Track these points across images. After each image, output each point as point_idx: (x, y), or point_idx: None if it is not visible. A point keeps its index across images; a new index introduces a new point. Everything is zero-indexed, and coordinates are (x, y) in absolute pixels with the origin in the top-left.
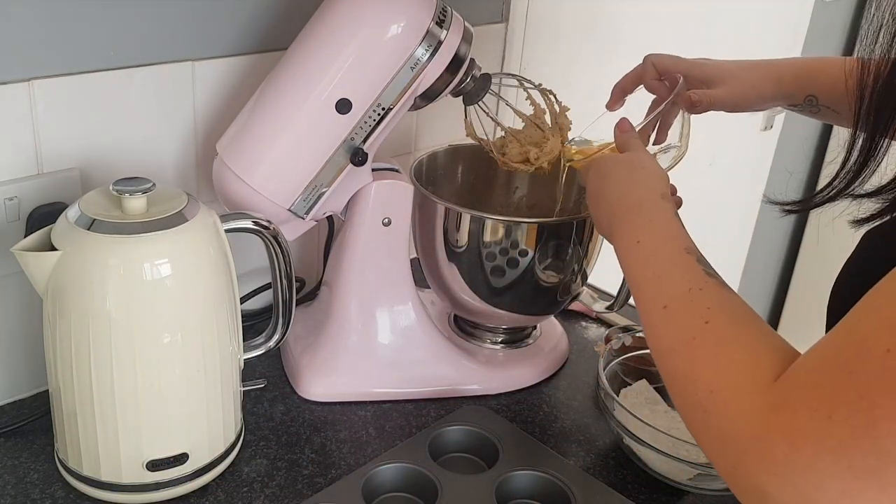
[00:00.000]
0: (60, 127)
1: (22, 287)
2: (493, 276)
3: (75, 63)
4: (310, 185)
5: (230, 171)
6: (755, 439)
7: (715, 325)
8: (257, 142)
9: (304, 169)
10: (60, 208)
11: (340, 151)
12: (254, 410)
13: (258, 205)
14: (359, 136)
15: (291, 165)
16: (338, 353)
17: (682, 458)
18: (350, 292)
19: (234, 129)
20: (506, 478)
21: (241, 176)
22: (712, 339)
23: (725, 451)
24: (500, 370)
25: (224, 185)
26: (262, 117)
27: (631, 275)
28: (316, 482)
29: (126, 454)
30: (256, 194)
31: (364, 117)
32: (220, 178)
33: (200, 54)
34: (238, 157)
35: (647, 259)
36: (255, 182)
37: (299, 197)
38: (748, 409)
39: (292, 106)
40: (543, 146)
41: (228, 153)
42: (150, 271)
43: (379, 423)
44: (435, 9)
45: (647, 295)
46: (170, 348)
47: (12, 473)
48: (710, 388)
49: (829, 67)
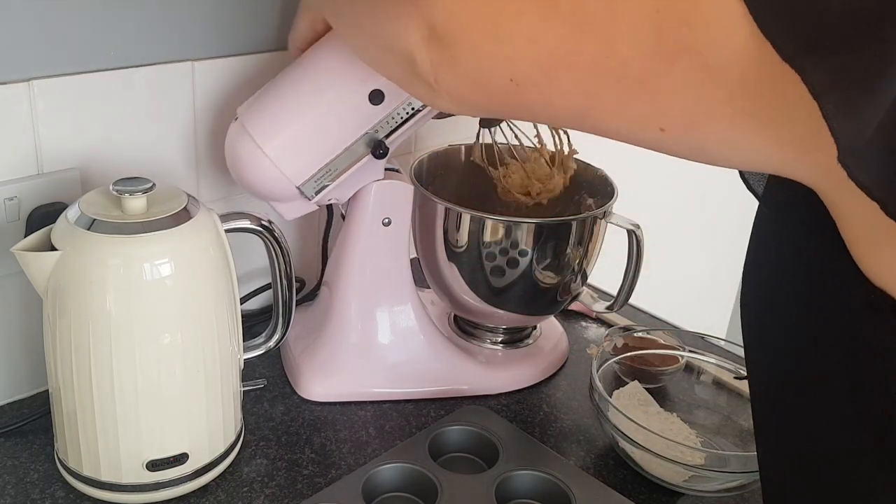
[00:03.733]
0: (60, 127)
1: (22, 287)
2: (492, 276)
3: (75, 63)
4: (324, 168)
5: (248, 136)
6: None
7: None
8: (282, 112)
9: (323, 150)
10: (60, 208)
11: (361, 141)
12: (254, 410)
13: (268, 177)
14: (383, 130)
15: (311, 143)
16: (338, 353)
17: (676, 460)
18: (350, 292)
19: (259, 96)
20: (506, 478)
21: (259, 142)
22: None
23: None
24: (500, 370)
25: (237, 151)
26: (293, 89)
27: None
28: (316, 482)
29: (126, 454)
30: (270, 165)
31: (393, 112)
32: (235, 144)
33: (200, 54)
34: (259, 123)
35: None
36: (271, 151)
37: (312, 177)
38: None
39: (326, 85)
40: (547, 183)
41: (249, 117)
42: (150, 271)
43: (379, 423)
44: None
45: None
46: (170, 348)
47: (12, 473)
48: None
49: None
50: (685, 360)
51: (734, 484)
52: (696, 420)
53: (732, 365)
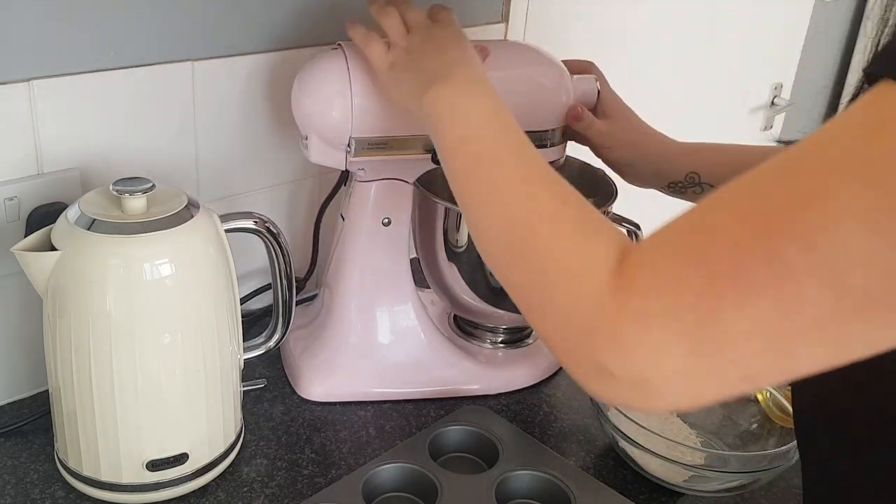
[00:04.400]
0: (60, 127)
1: (22, 287)
2: (493, 276)
3: (75, 63)
4: (384, 139)
5: (344, 66)
6: (606, 319)
7: (572, 206)
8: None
9: (396, 122)
10: (60, 208)
11: (425, 139)
12: (254, 410)
13: (335, 113)
14: None
15: (390, 110)
16: (338, 353)
17: (676, 460)
18: (350, 292)
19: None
20: (506, 478)
21: (352, 77)
22: (571, 217)
23: (568, 328)
24: (500, 370)
25: (322, 76)
26: None
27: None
28: (316, 482)
29: (126, 454)
30: (346, 101)
31: None
32: (323, 69)
33: (200, 54)
34: (361, 64)
35: (506, 131)
36: (357, 91)
37: (368, 139)
38: (599, 288)
39: None
40: None
41: (354, 53)
42: (150, 271)
43: (379, 423)
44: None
45: (502, 164)
46: (170, 348)
47: (12, 473)
48: (562, 264)
49: (718, 150)
50: None
51: (734, 484)
52: (696, 420)
53: None
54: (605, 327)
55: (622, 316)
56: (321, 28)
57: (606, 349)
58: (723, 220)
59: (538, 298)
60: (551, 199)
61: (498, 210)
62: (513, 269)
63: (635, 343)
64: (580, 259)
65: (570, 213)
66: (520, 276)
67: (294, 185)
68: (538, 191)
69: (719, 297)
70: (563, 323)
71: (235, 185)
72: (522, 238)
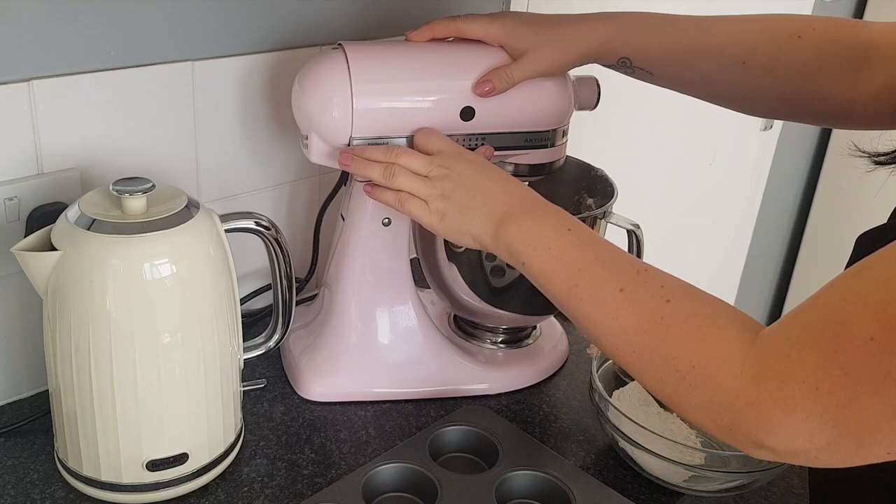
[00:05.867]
0: (60, 127)
1: (22, 287)
2: (493, 276)
3: (75, 63)
4: (384, 139)
5: (344, 66)
6: (748, 406)
7: (676, 303)
8: (386, 67)
9: (396, 122)
10: (60, 208)
11: None
12: (254, 410)
13: (335, 113)
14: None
15: (393, 111)
16: (338, 353)
17: (677, 461)
18: (350, 292)
19: (371, 45)
20: (506, 478)
21: (353, 76)
22: (680, 316)
23: (720, 419)
24: (500, 370)
25: (322, 76)
26: (407, 56)
27: (563, 264)
28: (316, 482)
29: (126, 454)
30: (346, 102)
31: (467, 136)
32: (322, 69)
33: (200, 54)
34: (361, 61)
35: (585, 245)
36: (358, 90)
37: (369, 138)
38: (735, 379)
39: (439, 74)
40: None
41: (354, 52)
42: (150, 271)
43: (379, 423)
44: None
45: (595, 280)
46: (170, 348)
47: (12, 473)
48: (692, 363)
49: (646, 28)
50: None
51: (734, 484)
52: None
53: None
54: (749, 413)
55: (765, 402)
56: (321, 28)
57: (756, 431)
58: (854, 313)
59: (679, 398)
60: (652, 300)
61: (609, 324)
62: (645, 373)
63: (783, 427)
64: (708, 355)
65: (678, 312)
66: (654, 381)
67: (294, 185)
68: (640, 296)
69: (856, 384)
70: (710, 414)
71: (235, 185)
72: (643, 347)
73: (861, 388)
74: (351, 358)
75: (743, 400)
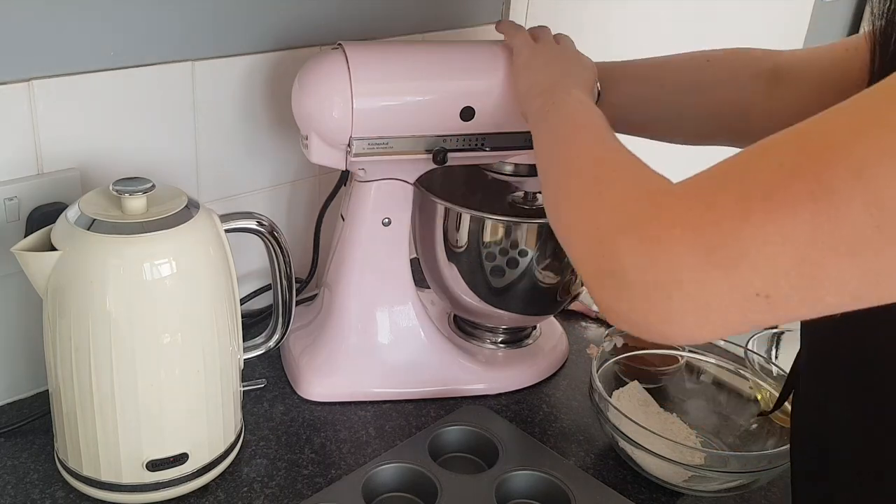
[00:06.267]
0: (60, 127)
1: (22, 287)
2: (492, 276)
3: (75, 63)
4: (385, 139)
5: (344, 66)
6: (635, 217)
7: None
8: (386, 67)
9: (395, 123)
10: (60, 208)
11: (428, 139)
12: (254, 410)
13: (335, 113)
14: (450, 143)
15: (392, 111)
16: (338, 353)
17: (676, 461)
18: (350, 292)
19: (371, 44)
20: (506, 478)
21: (352, 76)
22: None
23: (598, 226)
24: (500, 370)
25: (322, 76)
26: (407, 57)
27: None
28: (316, 482)
29: (126, 454)
30: (346, 101)
31: (468, 136)
32: (322, 69)
33: (200, 54)
34: (361, 61)
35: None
36: (358, 90)
37: (368, 138)
38: (642, 195)
39: (439, 74)
40: None
41: (354, 52)
42: (150, 271)
43: (379, 423)
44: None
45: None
46: (170, 348)
47: (12, 473)
48: (616, 180)
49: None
50: (685, 360)
51: (734, 484)
52: (696, 420)
53: (732, 365)
54: (634, 225)
55: (652, 216)
56: (321, 28)
57: (627, 244)
58: (773, 146)
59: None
60: (623, 150)
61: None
62: (569, 189)
63: (655, 241)
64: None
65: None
66: (574, 193)
67: (294, 185)
68: (611, 143)
69: (749, 208)
70: (596, 222)
71: (235, 185)
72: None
73: (751, 214)
74: (351, 358)
75: (634, 212)
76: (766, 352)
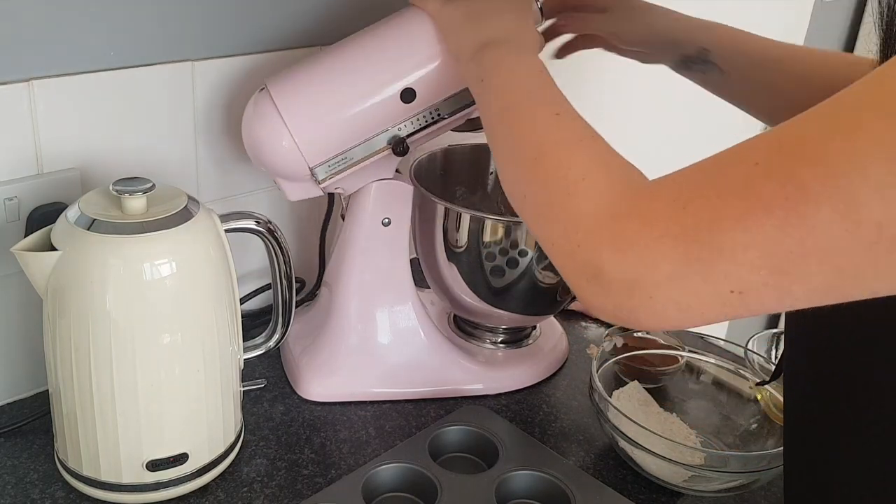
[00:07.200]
0: (60, 127)
1: (22, 287)
2: (492, 276)
3: (75, 63)
4: (341, 155)
5: (273, 107)
6: (611, 217)
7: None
8: (312, 90)
9: (345, 136)
10: (60, 208)
11: (382, 136)
12: (254, 410)
13: (284, 152)
14: (405, 129)
15: (335, 127)
16: (338, 353)
17: (676, 461)
18: (350, 292)
19: (292, 71)
20: (506, 478)
21: (283, 115)
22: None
23: (576, 229)
24: (500, 370)
25: (258, 122)
26: (328, 70)
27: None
28: (316, 482)
29: (126, 454)
30: (289, 140)
31: (418, 115)
32: (256, 114)
33: (200, 54)
34: (287, 95)
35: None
36: (294, 125)
37: (326, 161)
38: (616, 193)
39: (363, 73)
40: None
41: (278, 89)
42: (150, 271)
43: (379, 423)
44: None
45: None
46: (170, 348)
47: (12, 473)
48: (585, 174)
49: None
50: (685, 360)
51: (734, 484)
52: (696, 420)
53: (732, 365)
54: (611, 226)
55: (629, 216)
56: (321, 28)
57: (606, 246)
58: (750, 146)
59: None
60: (583, 129)
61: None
62: (533, 181)
63: (634, 242)
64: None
65: (600, 141)
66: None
67: None
68: (570, 122)
69: (724, 208)
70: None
71: (235, 185)
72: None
73: (727, 212)
74: (351, 358)
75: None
76: (766, 352)
